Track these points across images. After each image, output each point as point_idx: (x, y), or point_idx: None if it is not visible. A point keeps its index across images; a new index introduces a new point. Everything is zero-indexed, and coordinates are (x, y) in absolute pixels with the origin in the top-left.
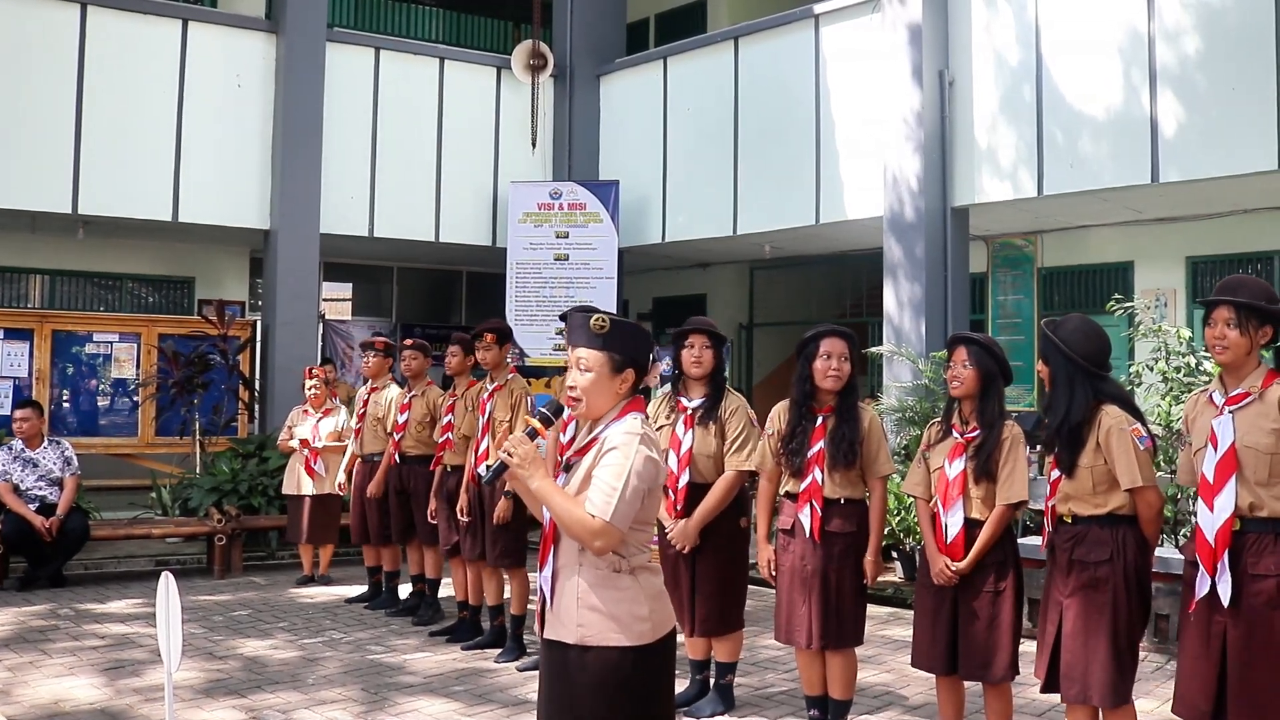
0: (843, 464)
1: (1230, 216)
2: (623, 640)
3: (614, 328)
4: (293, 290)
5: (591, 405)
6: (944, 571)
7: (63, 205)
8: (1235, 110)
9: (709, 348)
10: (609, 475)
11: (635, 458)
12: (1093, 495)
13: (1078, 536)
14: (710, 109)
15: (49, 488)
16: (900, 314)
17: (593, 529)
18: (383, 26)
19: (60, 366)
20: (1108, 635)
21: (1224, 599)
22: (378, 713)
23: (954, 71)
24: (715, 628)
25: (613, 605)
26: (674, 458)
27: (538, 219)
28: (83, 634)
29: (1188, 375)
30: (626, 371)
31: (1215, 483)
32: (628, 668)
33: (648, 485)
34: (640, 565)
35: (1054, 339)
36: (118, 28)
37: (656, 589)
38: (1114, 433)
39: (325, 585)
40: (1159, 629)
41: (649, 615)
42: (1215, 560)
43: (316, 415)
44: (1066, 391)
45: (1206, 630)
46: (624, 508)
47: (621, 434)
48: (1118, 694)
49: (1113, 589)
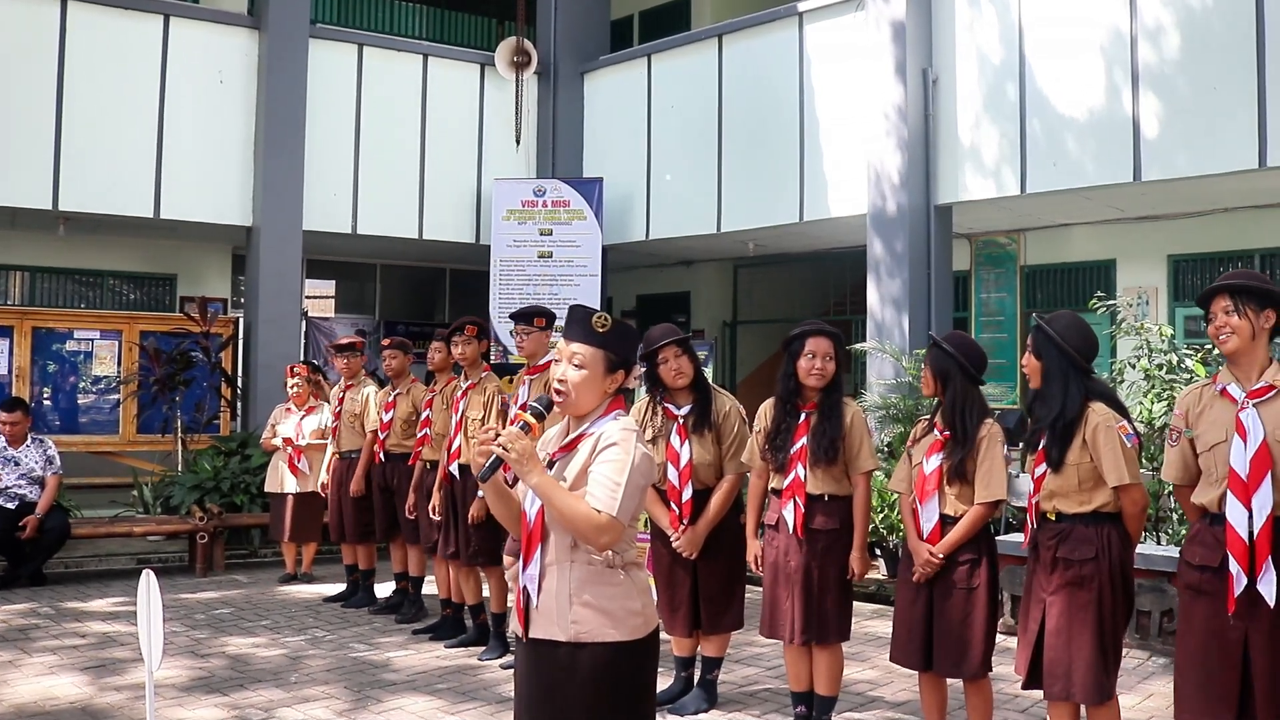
0: (824, 460)
1: (1212, 215)
2: (617, 635)
3: (614, 327)
4: (275, 287)
5: (579, 401)
6: (929, 560)
7: (43, 201)
8: (1217, 109)
9: (682, 355)
10: (612, 471)
11: (635, 453)
12: (1078, 492)
13: (1062, 534)
14: (694, 106)
15: (29, 486)
16: (883, 311)
17: (599, 524)
18: (366, 23)
19: (41, 364)
20: (1092, 632)
21: (1270, 599)
22: (361, 711)
23: (937, 70)
24: (722, 625)
25: (606, 601)
26: (673, 471)
27: (521, 216)
28: (64, 633)
29: (1169, 373)
30: (618, 373)
31: (1251, 480)
32: (621, 663)
33: (649, 481)
34: (631, 560)
35: (1050, 333)
36: (99, 23)
37: (645, 584)
38: (1101, 429)
39: (308, 583)
40: (1140, 625)
41: (642, 610)
42: (1256, 559)
43: (300, 413)
44: (1061, 386)
45: (1223, 635)
46: (628, 502)
47: (619, 430)
48: (1101, 691)
49: (1098, 586)
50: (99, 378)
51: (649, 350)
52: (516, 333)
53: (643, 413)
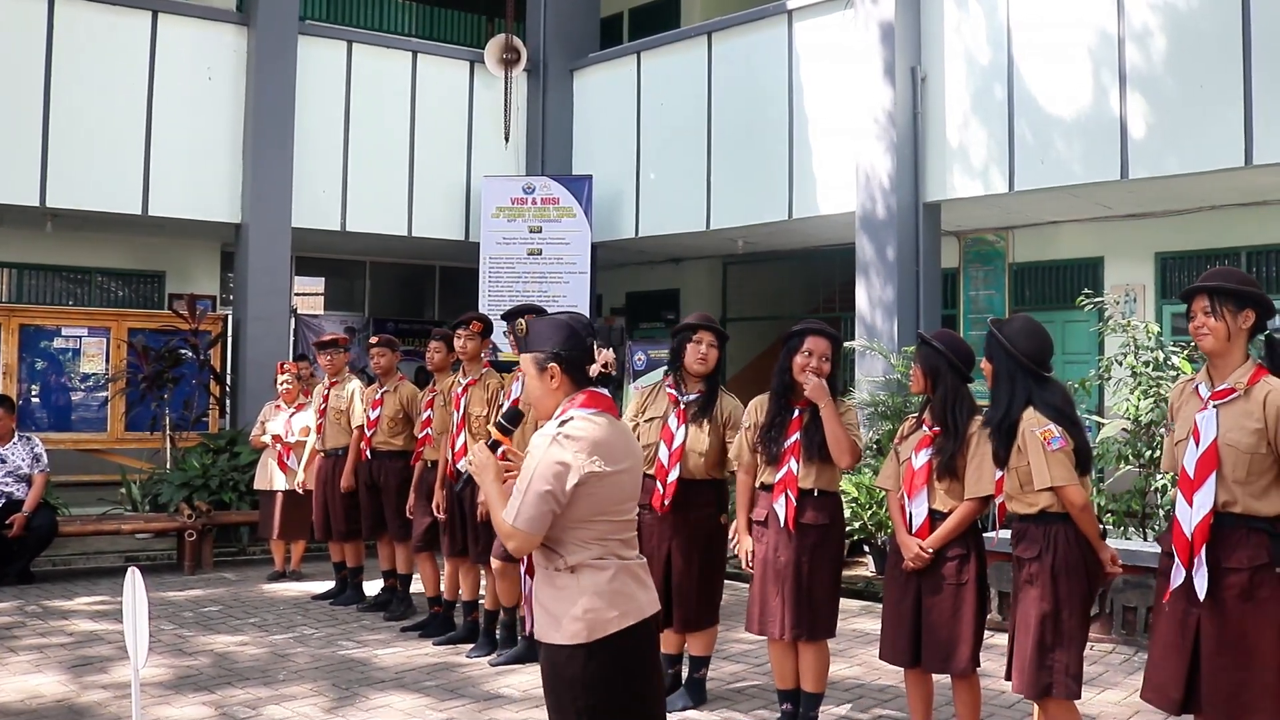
0: (818, 456)
1: (1198, 213)
2: (557, 638)
3: (530, 328)
4: (264, 285)
5: (537, 408)
6: (919, 555)
7: (30, 198)
8: (1203, 108)
9: (714, 346)
10: (520, 480)
11: (542, 461)
12: (1022, 494)
13: (1018, 534)
14: (683, 104)
15: (16, 484)
16: (872, 309)
17: (504, 532)
18: (355, 19)
19: (28, 361)
20: (1035, 627)
21: (1200, 592)
22: (348, 707)
23: (926, 68)
24: (695, 624)
25: (551, 603)
26: (665, 451)
27: (511, 213)
28: (50, 630)
29: (1156, 370)
30: (550, 367)
31: (1196, 478)
32: (558, 665)
33: (553, 486)
34: (584, 563)
35: (999, 336)
36: (87, 19)
37: (604, 586)
38: (1026, 435)
39: (297, 581)
40: (1126, 621)
41: (583, 615)
42: (1192, 554)
43: (289, 410)
44: (1008, 388)
45: (1180, 621)
46: (526, 510)
47: (537, 438)
48: (1037, 686)
49: (1041, 584)
50: (87, 375)
51: (685, 326)
52: (510, 331)
53: (650, 393)
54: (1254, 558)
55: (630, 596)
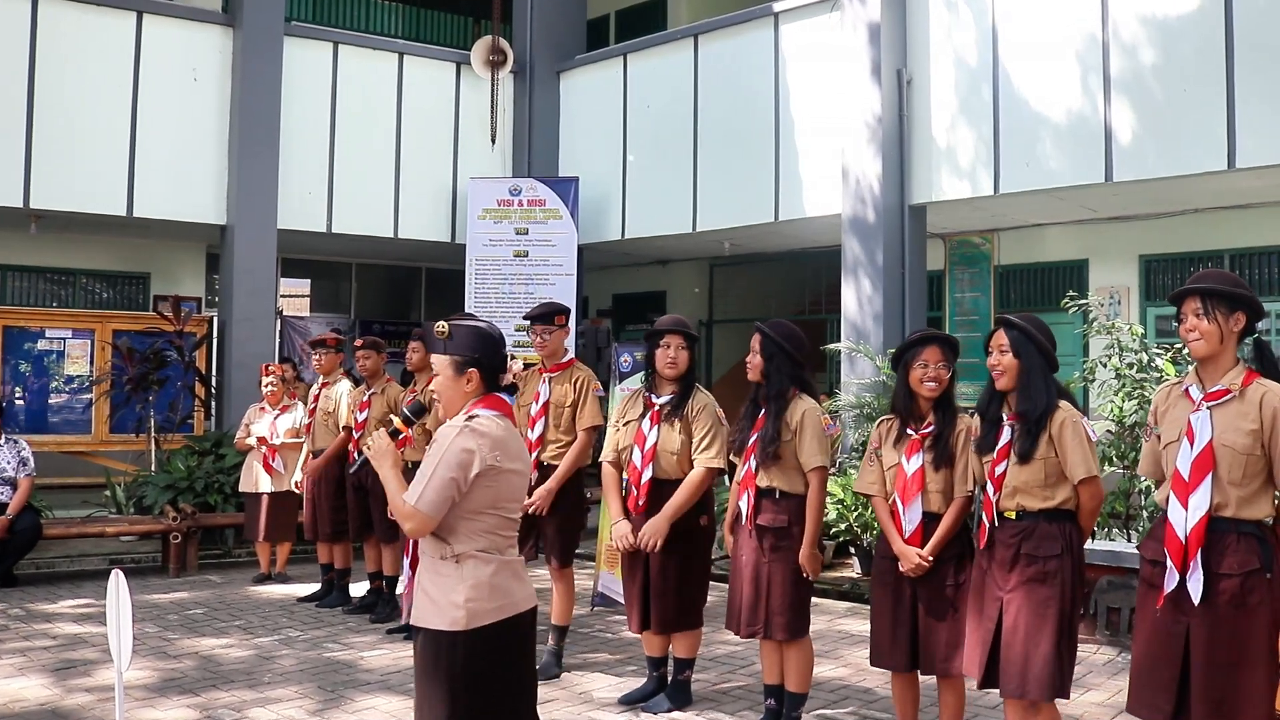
0: (767, 457)
1: (1182, 215)
2: (437, 624)
3: (455, 332)
4: (250, 286)
5: (445, 406)
6: (920, 565)
7: (14, 199)
8: (1187, 112)
9: (684, 349)
10: (424, 465)
11: (449, 448)
12: (1043, 487)
13: (1025, 531)
14: (670, 106)
15: (1, 487)
16: (858, 311)
17: (403, 513)
18: (341, 21)
19: (12, 363)
20: (1053, 629)
21: (1195, 597)
22: (333, 710)
23: (912, 71)
24: (672, 625)
25: (433, 589)
26: (638, 453)
27: (497, 215)
28: (33, 634)
29: (1140, 372)
30: (469, 371)
31: (1191, 480)
32: (438, 650)
33: (457, 474)
34: (469, 554)
35: (1030, 332)
36: (70, 19)
37: (485, 578)
38: (1068, 425)
39: (282, 583)
40: (1110, 622)
41: (464, 603)
42: (1187, 558)
43: (274, 412)
44: (1043, 382)
45: (1167, 629)
46: (430, 494)
47: (444, 429)
48: (1056, 688)
49: (1060, 583)
50: (71, 377)
51: (654, 332)
52: (536, 333)
53: (628, 400)
54: (1245, 563)
55: (509, 591)
